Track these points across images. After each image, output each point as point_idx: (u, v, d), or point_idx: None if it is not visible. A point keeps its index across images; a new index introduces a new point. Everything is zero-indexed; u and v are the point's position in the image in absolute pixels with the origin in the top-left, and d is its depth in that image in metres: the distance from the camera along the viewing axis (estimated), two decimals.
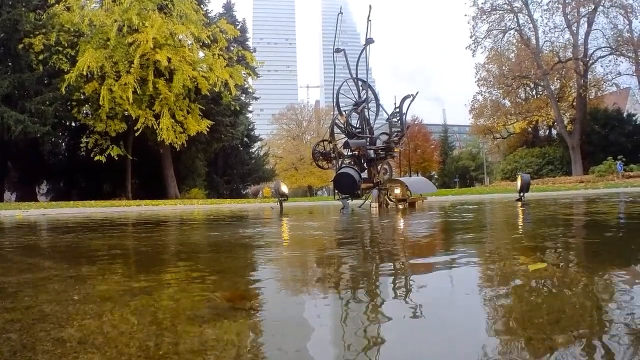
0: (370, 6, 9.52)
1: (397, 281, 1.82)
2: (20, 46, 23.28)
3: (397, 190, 9.34)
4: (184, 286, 1.82)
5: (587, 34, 34.50)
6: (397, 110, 9.58)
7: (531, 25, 36.87)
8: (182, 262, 2.66)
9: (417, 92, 9.54)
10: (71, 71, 23.02)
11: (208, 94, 27.04)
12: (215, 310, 1.37)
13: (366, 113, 9.48)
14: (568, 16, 34.47)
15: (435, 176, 66.40)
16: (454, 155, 70.45)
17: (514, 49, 40.68)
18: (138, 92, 23.97)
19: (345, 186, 8.36)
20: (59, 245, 3.56)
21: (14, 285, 1.77)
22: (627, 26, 34.53)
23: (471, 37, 38.23)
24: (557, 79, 39.75)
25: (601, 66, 36.60)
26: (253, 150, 47.53)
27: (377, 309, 1.39)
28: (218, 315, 1.30)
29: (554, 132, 43.93)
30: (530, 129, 45.13)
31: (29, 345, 1.05)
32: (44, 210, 11.20)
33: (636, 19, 33.93)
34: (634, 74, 36.36)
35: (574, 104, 37.03)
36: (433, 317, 1.28)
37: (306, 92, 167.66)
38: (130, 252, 3.23)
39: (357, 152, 9.16)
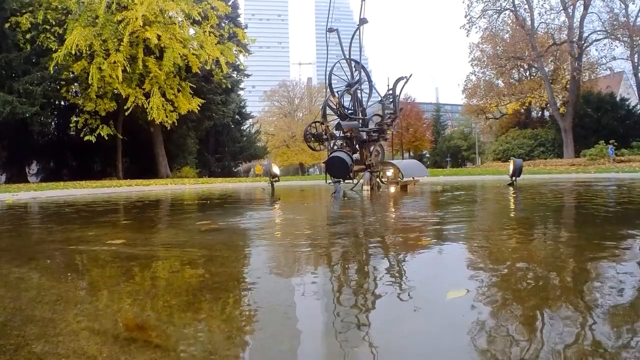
0: None
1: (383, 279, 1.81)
2: (7, 25, 22.76)
3: (390, 173, 9.34)
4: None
5: (583, 16, 34.30)
6: (390, 92, 9.48)
7: (527, 7, 36.60)
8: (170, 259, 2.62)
9: (411, 75, 9.41)
10: (59, 50, 22.48)
11: (199, 72, 26.70)
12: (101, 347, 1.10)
13: (359, 94, 9.38)
14: None
15: (427, 155, 66.54)
16: (446, 134, 70.49)
17: (509, 29, 40.37)
18: (128, 70, 23.54)
19: (338, 170, 8.30)
20: (47, 249, 3.48)
21: None
22: (623, 10, 34.47)
23: (466, 16, 37.90)
24: (551, 61, 39.67)
25: (596, 50, 36.67)
26: (244, 127, 47.27)
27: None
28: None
29: (546, 114, 44.04)
30: (522, 110, 45.18)
31: None
32: (34, 193, 11.05)
33: (632, 3, 33.87)
34: (628, 59, 36.42)
35: (567, 86, 36.98)
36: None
37: (298, 69, 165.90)
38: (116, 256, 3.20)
39: (349, 134, 9.08)
